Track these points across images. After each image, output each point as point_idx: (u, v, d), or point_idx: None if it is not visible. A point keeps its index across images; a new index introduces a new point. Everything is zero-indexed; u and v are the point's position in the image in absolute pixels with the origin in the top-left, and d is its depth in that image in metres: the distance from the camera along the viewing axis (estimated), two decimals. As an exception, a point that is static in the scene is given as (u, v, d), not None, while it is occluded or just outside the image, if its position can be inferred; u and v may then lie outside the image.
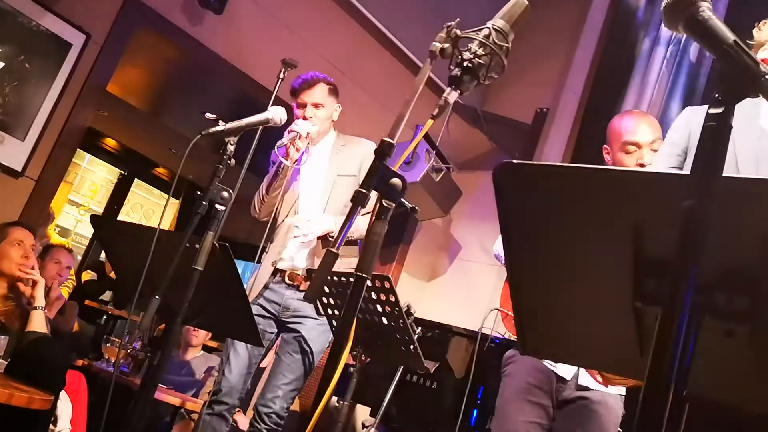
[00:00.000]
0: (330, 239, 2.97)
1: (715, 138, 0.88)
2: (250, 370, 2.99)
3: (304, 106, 3.11)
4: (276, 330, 3.04)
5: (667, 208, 0.96)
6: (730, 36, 0.89)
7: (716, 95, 0.87)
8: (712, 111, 0.87)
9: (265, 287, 3.03)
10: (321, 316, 2.88)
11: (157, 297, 1.85)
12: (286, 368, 2.93)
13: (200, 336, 4.52)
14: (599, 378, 2.18)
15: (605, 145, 2.74)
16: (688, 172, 0.90)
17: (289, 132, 2.96)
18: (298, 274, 3.01)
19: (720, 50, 0.89)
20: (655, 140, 2.61)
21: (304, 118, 3.06)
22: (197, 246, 1.91)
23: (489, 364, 3.54)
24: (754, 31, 2.02)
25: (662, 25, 4.20)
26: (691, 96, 5.00)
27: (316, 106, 3.11)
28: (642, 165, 2.58)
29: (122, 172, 8.98)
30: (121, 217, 8.77)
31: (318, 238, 3.00)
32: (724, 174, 0.89)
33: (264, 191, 3.10)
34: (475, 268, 5.59)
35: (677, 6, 0.94)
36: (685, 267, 0.89)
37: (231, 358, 2.95)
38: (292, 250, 3.04)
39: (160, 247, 1.94)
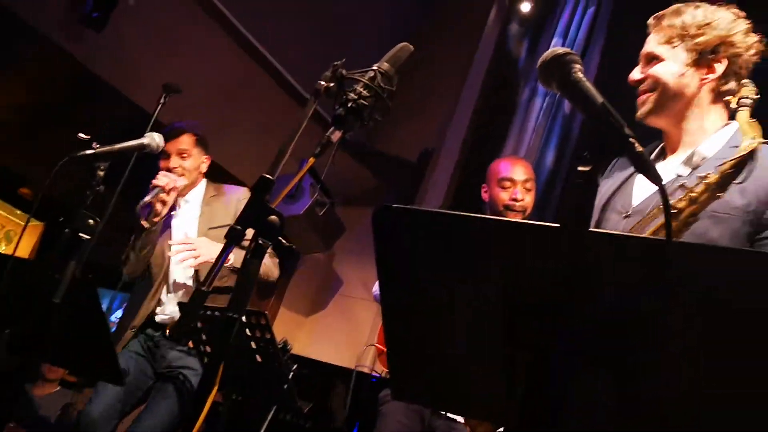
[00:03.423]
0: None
1: (582, 194, 0.91)
2: (123, 408, 2.75)
3: (168, 156, 2.93)
4: (154, 378, 2.84)
5: (537, 258, 0.99)
6: (599, 98, 0.93)
7: (585, 154, 0.91)
8: (580, 168, 0.90)
9: (150, 338, 2.85)
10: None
11: (6, 331, 1.70)
12: (156, 415, 2.70)
13: (58, 370, 4.23)
14: None
15: (484, 185, 2.93)
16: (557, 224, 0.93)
17: (151, 188, 2.79)
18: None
19: (589, 111, 0.93)
20: (528, 180, 2.86)
21: (168, 170, 2.90)
22: (57, 277, 1.78)
23: (365, 402, 3.52)
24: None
25: (540, 77, 4.44)
26: (565, 144, 5.29)
27: (181, 154, 2.95)
28: (515, 199, 2.82)
29: (-19, 190, 8.32)
30: (-21, 238, 8.10)
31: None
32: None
33: (130, 251, 2.90)
34: (355, 304, 5.58)
35: (551, 66, 0.98)
36: (553, 313, 0.91)
37: (99, 390, 2.73)
38: (170, 302, 2.88)
39: (15, 277, 1.80)
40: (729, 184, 1.42)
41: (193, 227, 2.99)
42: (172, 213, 3.01)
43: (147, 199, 2.78)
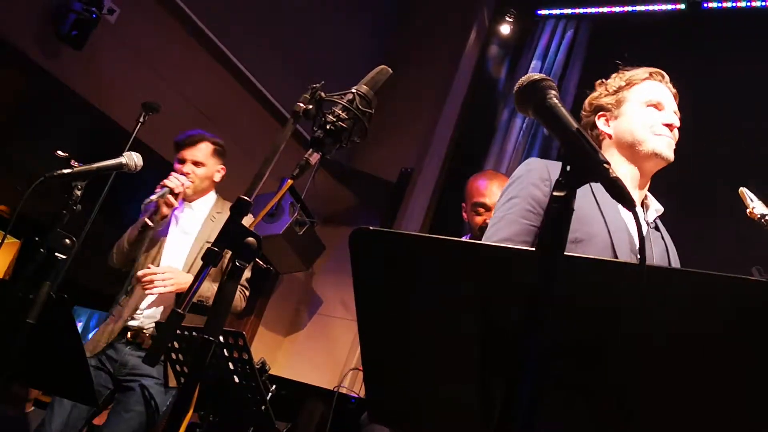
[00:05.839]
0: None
1: (558, 219, 0.92)
2: (77, 426, 2.70)
3: (183, 161, 2.99)
4: (112, 387, 2.80)
5: (513, 282, 0.99)
6: (573, 124, 0.94)
7: (560, 179, 0.92)
8: (556, 194, 0.91)
9: (110, 346, 2.80)
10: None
11: (-22, 352, 1.67)
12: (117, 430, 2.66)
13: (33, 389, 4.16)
14: None
15: (463, 203, 2.84)
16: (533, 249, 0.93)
17: (160, 187, 2.83)
18: (144, 332, 2.81)
19: (564, 137, 0.94)
20: None
21: (181, 173, 2.93)
22: (31, 297, 1.76)
23: (345, 425, 3.49)
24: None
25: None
26: (544, 165, 5.32)
27: (196, 164, 3.00)
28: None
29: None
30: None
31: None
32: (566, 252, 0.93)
33: (126, 242, 2.92)
34: (335, 323, 5.55)
35: (527, 92, 0.99)
36: (528, 339, 0.92)
37: (54, 410, 2.67)
38: (148, 307, 2.85)
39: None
40: None
41: (191, 238, 2.97)
42: (175, 213, 3.02)
43: (154, 197, 2.80)
